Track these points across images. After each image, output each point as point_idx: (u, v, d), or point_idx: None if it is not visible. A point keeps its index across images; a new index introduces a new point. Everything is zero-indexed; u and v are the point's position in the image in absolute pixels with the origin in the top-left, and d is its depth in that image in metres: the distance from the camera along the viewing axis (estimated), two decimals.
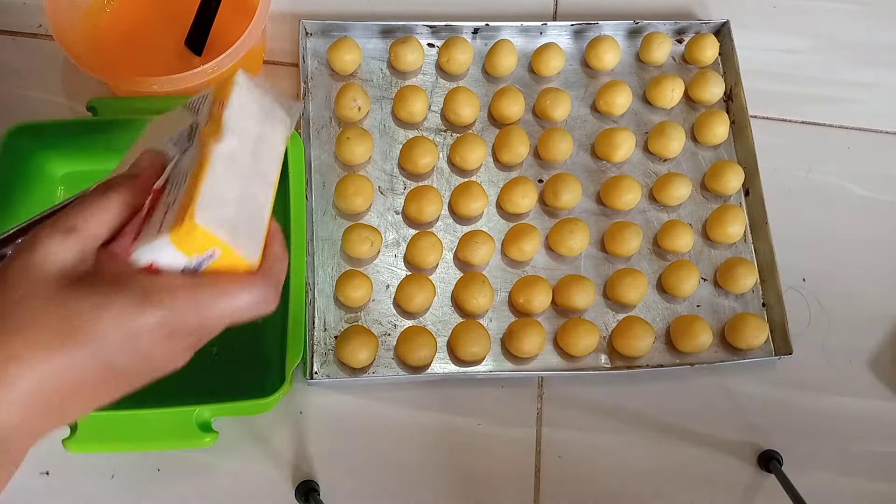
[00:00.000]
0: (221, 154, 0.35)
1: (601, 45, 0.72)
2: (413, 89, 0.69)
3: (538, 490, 0.61)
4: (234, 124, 0.35)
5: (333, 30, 0.72)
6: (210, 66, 0.60)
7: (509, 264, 0.67)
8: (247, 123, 0.36)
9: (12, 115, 0.67)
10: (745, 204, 0.71)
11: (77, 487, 0.58)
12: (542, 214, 0.69)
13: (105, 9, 0.69)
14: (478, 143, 0.68)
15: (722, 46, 0.75)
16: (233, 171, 0.35)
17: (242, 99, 0.36)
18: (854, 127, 0.76)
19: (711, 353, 0.65)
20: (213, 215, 0.33)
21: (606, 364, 0.64)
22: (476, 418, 0.62)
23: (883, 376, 0.66)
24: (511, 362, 0.63)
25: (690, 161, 0.72)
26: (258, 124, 0.37)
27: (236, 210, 0.34)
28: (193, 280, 0.34)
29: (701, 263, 0.68)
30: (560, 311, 0.65)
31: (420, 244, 0.64)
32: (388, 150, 0.69)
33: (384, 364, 0.62)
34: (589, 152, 0.71)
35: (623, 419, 0.63)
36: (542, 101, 0.71)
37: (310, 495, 0.57)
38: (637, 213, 0.69)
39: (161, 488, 0.58)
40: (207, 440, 0.53)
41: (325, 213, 0.66)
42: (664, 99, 0.72)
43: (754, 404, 0.64)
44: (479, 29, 0.73)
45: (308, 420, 0.61)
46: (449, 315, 0.64)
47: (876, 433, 0.65)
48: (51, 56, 0.70)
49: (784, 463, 0.62)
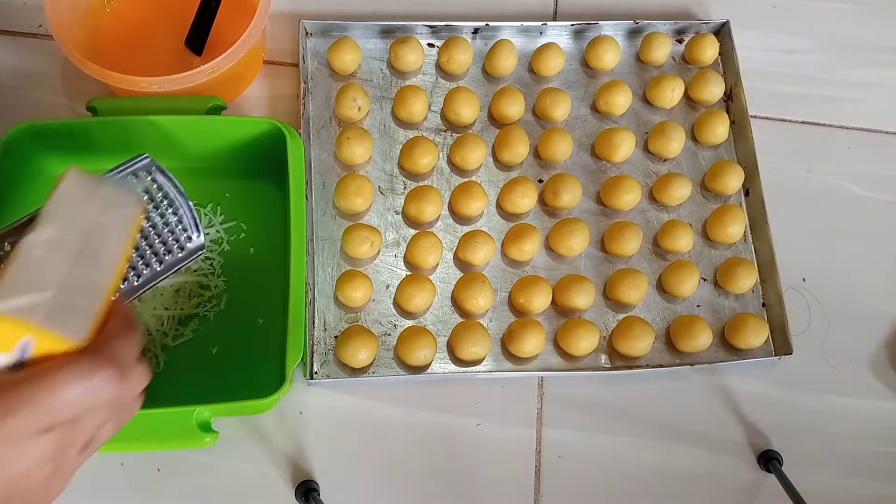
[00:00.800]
0: (34, 244, 0.35)
1: (601, 45, 0.72)
2: (413, 89, 0.69)
3: (538, 490, 0.61)
4: (54, 214, 0.36)
5: (333, 30, 0.72)
6: (210, 66, 0.60)
7: (509, 264, 0.67)
8: (74, 212, 0.37)
9: (12, 115, 0.67)
10: (745, 204, 0.71)
11: (77, 487, 0.58)
12: (542, 214, 0.69)
13: (105, 9, 0.69)
14: (478, 143, 0.68)
15: (722, 46, 0.75)
16: (51, 259, 0.35)
17: (68, 191, 0.38)
18: (854, 127, 0.76)
19: (711, 353, 0.65)
20: (16, 301, 0.33)
21: (606, 364, 0.64)
22: (476, 418, 0.62)
23: (883, 376, 0.66)
24: (511, 362, 0.63)
25: (690, 161, 0.72)
26: (92, 213, 0.38)
27: (52, 294, 0.34)
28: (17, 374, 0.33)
29: (701, 263, 0.68)
30: (560, 311, 0.65)
31: (420, 244, 0.64)
32: (388, 150, 0.69)
33: (384, 364, 0.62)
34: (589, 152, 0.71)
35: (623, 419, 0.63)
36: (542, 101, 0.71)
37: (310, 495, 0.57)
38: (637, 213, 0.69)
39: (161, 488, 0.58)
40: (207, 440, 0.53)
41: (325, 213, 0.66)
42: (664, 99, 0.72)
43: (754, 404, 0.64)
44: (479, 29, 0.73)
45: (308, 420, 0.61)
46: (449, 315, 0.64)
47: (876, 433, 0.65)
48: (51, 56, 0.70)
49: (784, 463, 0.62)
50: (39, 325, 0.33)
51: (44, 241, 0.36)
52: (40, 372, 0.33)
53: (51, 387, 0.32)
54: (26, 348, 0.33)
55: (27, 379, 0.32)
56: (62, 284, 0.35)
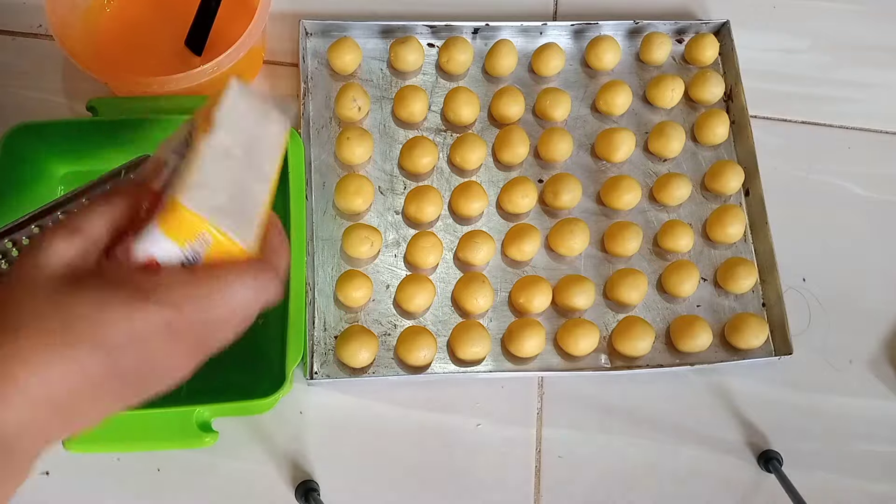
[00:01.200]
0: (211, 147, 0.36)
1: (601, 45, 0.72)
2: (413, 89, 0.69)
3: (538, 490, 0.61)
4: (225, 122, 0.37)
5: (333, 30, 0.72)
6: (210, 66, 0.60)
7: (509, 264, 0.67)
8: (239, 122, 0.37)
9: (12, 115, 0.67)
10: (745, 204, 0.71)
11: (77, 487, 0.58)
12: (542, 214, 0.69)
13: (105, 9, 0.69)
14: (478, 143, 0.68)
15: (722, 46, 0.75)
16: (223, 164, 0.36)
17: (234, 101, 0.38)
18: (854, 127, 0.76)
19: (711, 353, 0.65)
20: (197, 198, 0.34)
21: (606, 364, 0.64)
22: (476, 418, 0.62)
23: (883, 376, 0.66)
24: (511, 362, 0.63)
25: (690, 161, 0.72)
26: (252, 124, 0.38)
27: (226, 198, 0.35)
28: (191, 272, 0.34)
29: (701, 263, 0.68)
30: (560, 311, 0.65)
31: (420, 244, 0.64)
32: (388, 150, 0.69)
33: (384, 364, 0.62)
34: (589, 152, 0.71)
35: (623, 419, 0.63)
36: (542, 101, 0.71)
37: (310, 495, 0.57)
38: (637, 213, 0.69)
39: (161, 488, 0.58)
40: (207, 440, 0.53)
41: (325, 213, 0.66)
42: (664, 99, 0.72)
43: (754, 404, 0.64)
44: (479, 29, 0.73)
45: (308, 420, 0.61)
46: (449, 315, 0.64)
47: (876, 433, 0.65)
48: (51, 56, 0.70)
49: (784, 463, 0.62)
50: (218, 224, 0.34)
51: (219, 147, 0.36)
52: (216, 275, 0.34)
53: (223, 288, 0.34)
54: (202, 248, 0.34)
55: (204, 280, 0.34)
56: (233, 190, 0.36)
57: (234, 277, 0.35)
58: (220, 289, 0.34)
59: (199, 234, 0.34)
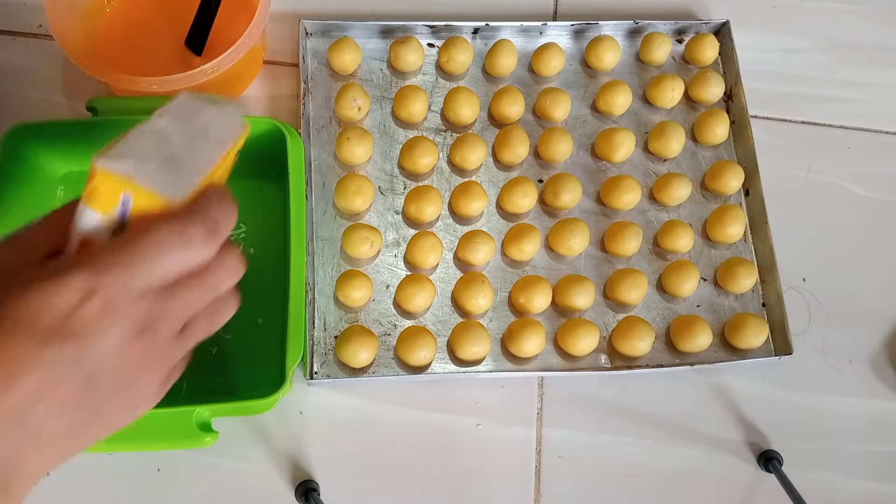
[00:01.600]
0: (142, 128, 0.37)
1: (601, 45, 0.72)
2: (413, 89, 0.69)
3: (538, 490, 0.61)
4: (165, 113, 0.38)
5: (333, 30, 0.72)
6: (210, 66, 0.60)
7: (509, 264, 0.67)
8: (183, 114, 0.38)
9: (12, 115, 0.67)
10: (745, 204, 0.71)
11: (77, 487, 0.58)
12: (542, 214, 0.69)
13: (105, 9, 0.69)
14: (478, 143, 0.68)
15: (722, 46, 0.75)
16: (153, 140, 0.36)
17: (180, 100, 0.39)
18: (854, 127, 0.76)
19: (711, 353, 0.65)
20: (115, 161, 0.34)
21: (606, 364, 0.64)
22: (476, 418, 0.62)
23: (883, 376, 0.66)
24: (511, 362, 0.63)
25: (690, 161, 0.72)
26: (200, 115, 0.39)
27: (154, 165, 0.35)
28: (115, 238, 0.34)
29: (701, 263, 0.68)
30: (560, 311, 0.65)
31: (420, 244, 0.64)
32: (388, 150, 0.69)
33: (384, 364, 0.62)
34: (589, 152, 0.71)
35: (623, 419, 0.63)
36: (542, 101, 0.71)
37: (309, 495, 0.57)
38: (637, 213, 0.69)
39: (161, 488, 0.58)
40: (207, 440, 0.53)
41: (325, 213, 0.66)
42: (664, 99, 0.72)
43: (754, 404, 0.64)
44: (479, 29, 0.73)
45: (308, 420, 0.61)
46: (449, 315, 0.64)
47: (876, 433, 0.65)
48: (51, 56, 0.70)
49: (784, 463, 0.62)
50: (136, 181, 0.34)
51: (156, 127, 0.37)
52: (136, 231, 0.33)
53: (144, 242, 0.33)
54: (126, 207, 0.34)
55: (124, 239, 0.33)
56: (165, 160, 0.36)
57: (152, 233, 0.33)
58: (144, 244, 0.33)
59: (122, 195, 0.34)
